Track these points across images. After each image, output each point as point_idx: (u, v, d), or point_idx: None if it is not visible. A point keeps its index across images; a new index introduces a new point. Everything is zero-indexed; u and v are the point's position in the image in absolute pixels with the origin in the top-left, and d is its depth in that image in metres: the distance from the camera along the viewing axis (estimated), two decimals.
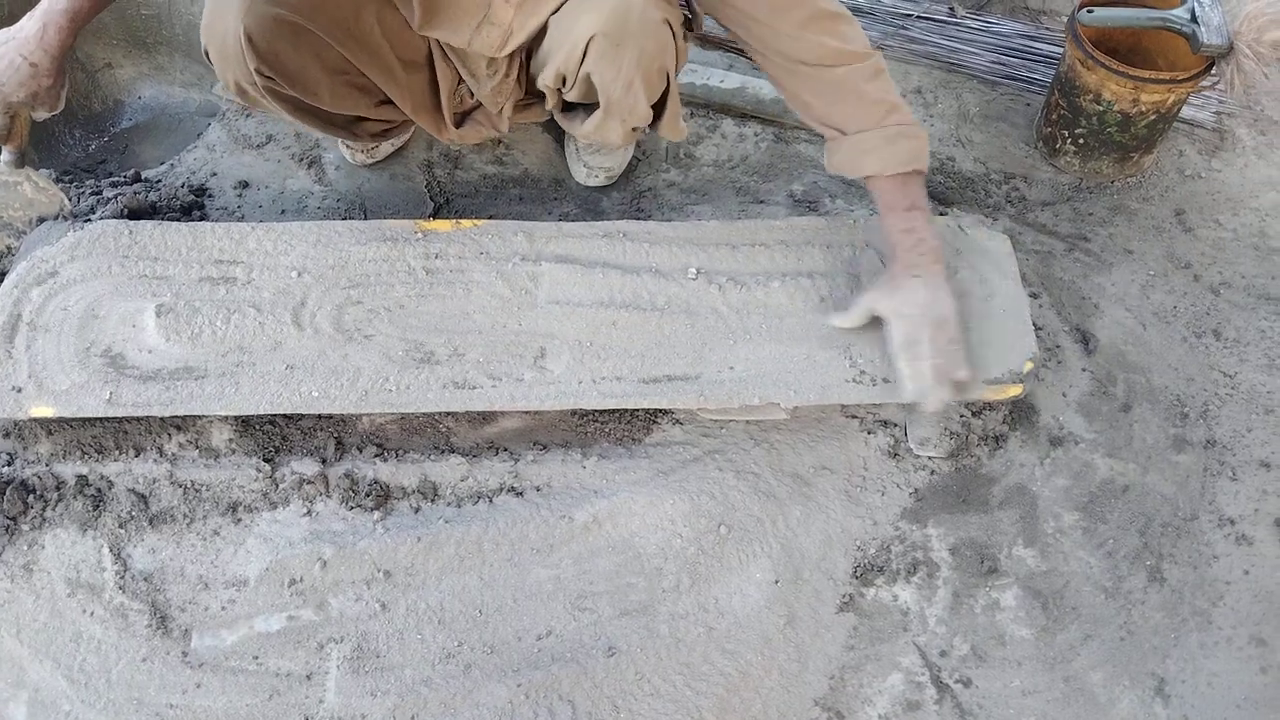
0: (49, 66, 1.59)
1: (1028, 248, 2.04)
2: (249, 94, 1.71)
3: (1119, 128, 2.08)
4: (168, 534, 1.60)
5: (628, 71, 1.62)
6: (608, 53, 1.60)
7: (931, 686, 1.55)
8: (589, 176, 2.10)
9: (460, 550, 1.60)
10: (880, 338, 1.67)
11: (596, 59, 1.61)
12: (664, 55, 1.65)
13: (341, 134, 1.95)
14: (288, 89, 1.68)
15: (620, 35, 1.58)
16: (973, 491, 1.72)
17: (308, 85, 1.70)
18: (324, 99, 1.74)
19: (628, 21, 1.58)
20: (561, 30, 1.65)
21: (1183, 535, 1.69)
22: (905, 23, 2.49)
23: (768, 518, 1.66)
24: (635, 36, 1.59)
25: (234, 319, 1.68)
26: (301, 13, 1.60)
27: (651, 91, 1.69)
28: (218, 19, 1.61)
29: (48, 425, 1.67)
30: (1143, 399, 1.84)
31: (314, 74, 1.69)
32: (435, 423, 1.74)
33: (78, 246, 1.75)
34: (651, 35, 1.60)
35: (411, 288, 1.73)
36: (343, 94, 1.77)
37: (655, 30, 1.60)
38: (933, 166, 2.19)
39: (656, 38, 1.61)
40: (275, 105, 1.73)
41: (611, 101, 1.68)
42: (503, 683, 1.50)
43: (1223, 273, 2.03)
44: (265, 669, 1.50)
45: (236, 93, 1.71)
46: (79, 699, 1.46)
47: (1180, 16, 1.98)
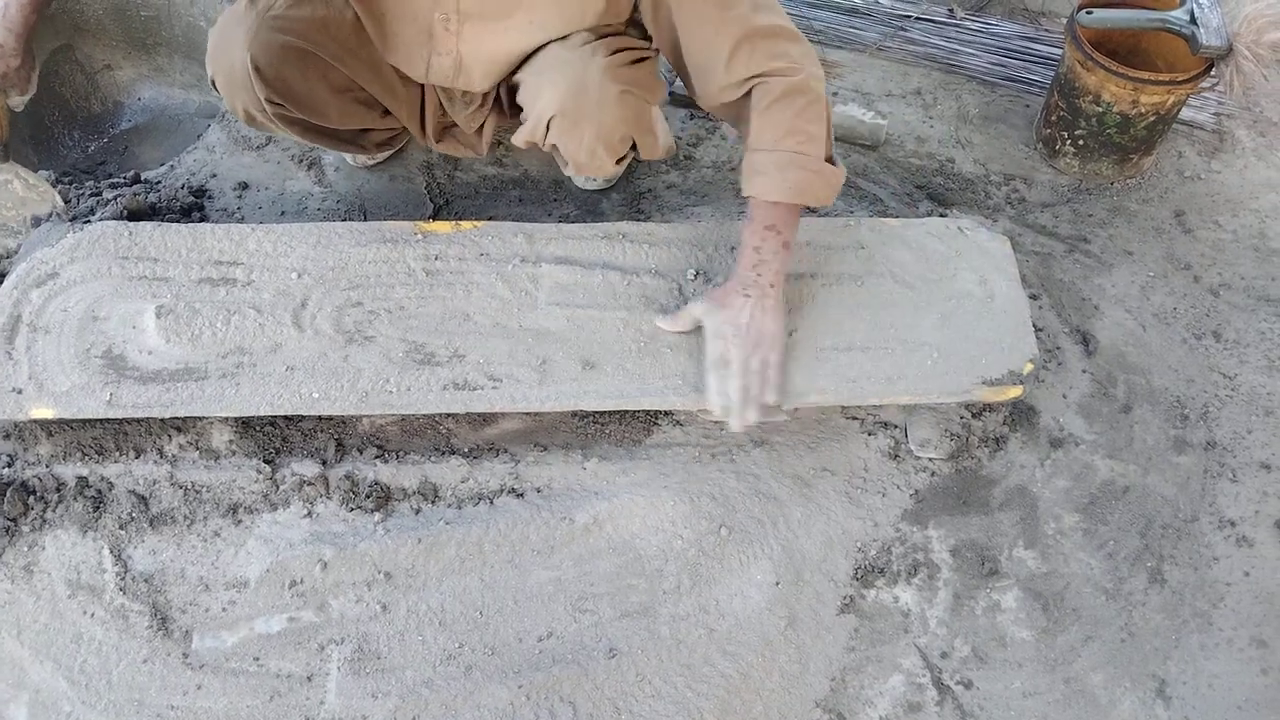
0: (14, 45, 1.59)
1: (1027, 249, 2.04)
2: (258, 120, 1.73)
3: (1118, 129, 2.08)
4: (168, 535, 1.60)
5: (589, 143, 1.66)
6: (568, 130, 1.64)
7: (932, 688, 1.55)
8: (586, 181, 2.11)
9: (461, 552, 1.60)
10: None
11: (558, 134, 1.66)
12: (626, 123, 1.65)
13: (348, 149, 1.98)
14: (296, 113, 1.71)
15: (577, 115, 1.62)
16: (973, 493, 1.73)
17: (316, 107, 1.72)
18: (332, 118, 1.77)
19: (583, 101, 1.60)
20: (528, 98, 1.68)
21: (1183, 537, 1.69)
22: (904, 24, 2.49)
23: (768, 519, 1.66)
24: (592, 113, 1.61)
25: (234, 320, 1.68)
26: (306, 38, 1.62)
27: (616, 154, 1.72)
28: (224, 49, 1.62)
29: (48, 427, 1.67)
30: (1143, 400, 1.84)
31: (321, 95, 1.71)
32: (436, 424, 1.74)
33: (78, 248, 1.74)
34: (610, 109, 1.61)
35: (412, 289, 1.73)
36: (349, 110, 1.79)
37: (613, 104, 1.61)
38: (932, 167, 2.20)
39: (616, 110, 1.62)
40: (284, 129, 1.76)
41: (579, 165, 1.72)
42: (504, 684, 1.49)
43: (1222, 274, 2.03)
44: (266, 670, 1.50)
45: (245, 120, 1.73)
46: (80, 700, 1.46)
47: (1179, 18, 1.99)
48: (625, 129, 1.66)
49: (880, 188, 2.15)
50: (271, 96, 1.64)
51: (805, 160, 1.54)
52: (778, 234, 1.59)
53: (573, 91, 1.60)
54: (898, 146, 2.24)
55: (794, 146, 1.54)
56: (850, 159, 2.20)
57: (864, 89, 2.36)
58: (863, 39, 2.46)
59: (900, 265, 1.80)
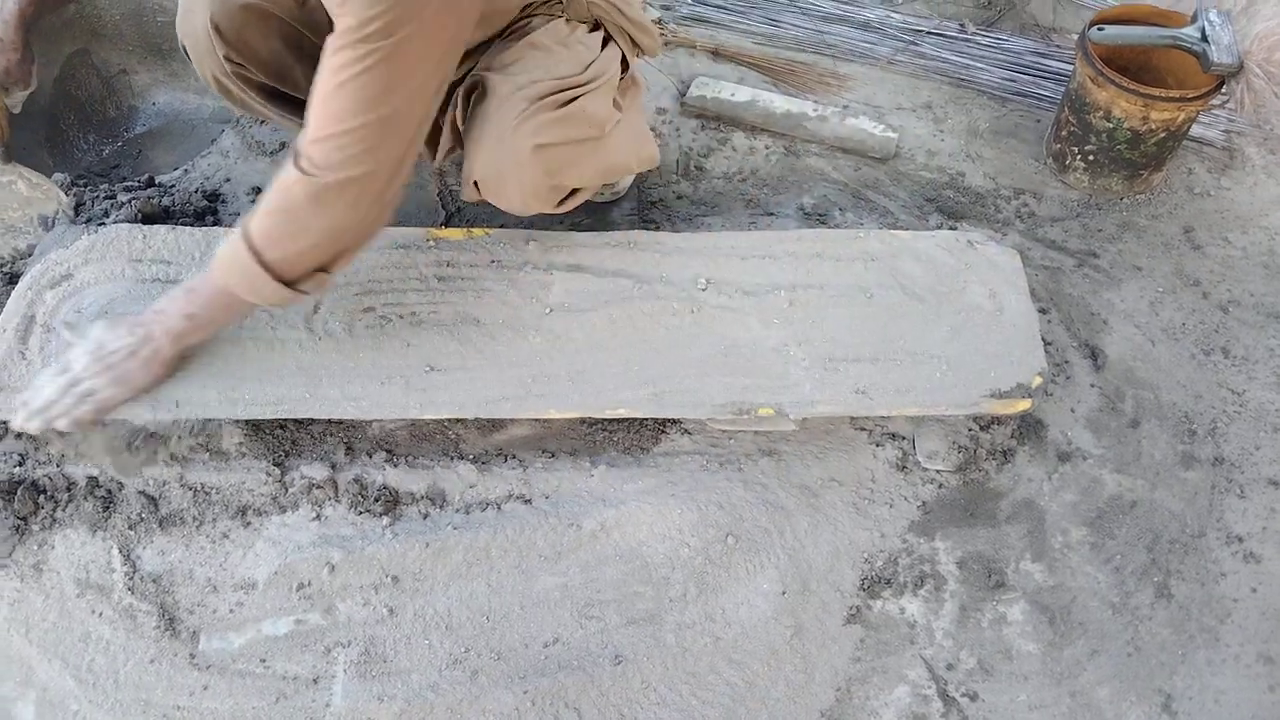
0: (13, 38, 1.63)
1: (1037, 263, 2.05)
2: (226, 86, 1.72)
3: (1129, 145, 2.09)
4: (177, 536, 1.61)
5: (518, 202, 1.65)
6: (494, 192, 1.64)
7: (938, 700, 1.55)
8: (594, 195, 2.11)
9: (468, 557, 1.60)
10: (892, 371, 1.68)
11: (487, 195, 1.66)
12: (551, 175, 1.62)
13: None
14: (260, 75, 1.70)
15: (497, 179, 1.61)
16: (980, 505, 1.73)
17: (280, 71, 1.71)
18: (300, 85, 1.73)
19: (500, 165, 1.59)
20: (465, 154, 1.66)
21: (1190, 552, 1.69)
22: (916, 38, 2.50)
23: (775, 529, 1.66)
24: (512, 174, 1.60)
25: (246, 324, 1.69)
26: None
27: (550, 202, 1.69)
28: (188, 15, 1.65)
29: None
30: (1151, 415, 1.84)
31: (285, 60, 1.71)
32: (444, 429, 1.75)
33: (91, 250, 1.76)
34: (528, 167, 1.58)
35: (423, 294, 1.74)
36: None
37: (531, 161, 1.57)
38: (942, 181, 2.20)
39: (534, 167, 1.58)
40: (254, 97, 1.74)
41: (520, 214, 1.71)
42: (510, 690, 1.50)
43: (1231, 290, 2.04)
44: (272, 672, 1.50)
45: (216, 88, 1.73)
46: (87, 699, 1.46)
47: (1191, 35, 1.99)
48: (551, 180, 1.63)
49: (890, 200, 2.15)
50: (231, 55, 1.64)
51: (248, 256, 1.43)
52: (190, 293, 1.53)
53: (491, 156, 1.58)
54: (908, 160, 2.25)
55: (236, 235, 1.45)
56: (861, 172, 2.21)
57: (875, 102, 2.37)
58: (875, 53, 2.47)
59: (910, 278, 1.80)
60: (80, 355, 1.55)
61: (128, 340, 1.54)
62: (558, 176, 1.64)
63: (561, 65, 1.63)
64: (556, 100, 1.59)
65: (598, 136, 1.64)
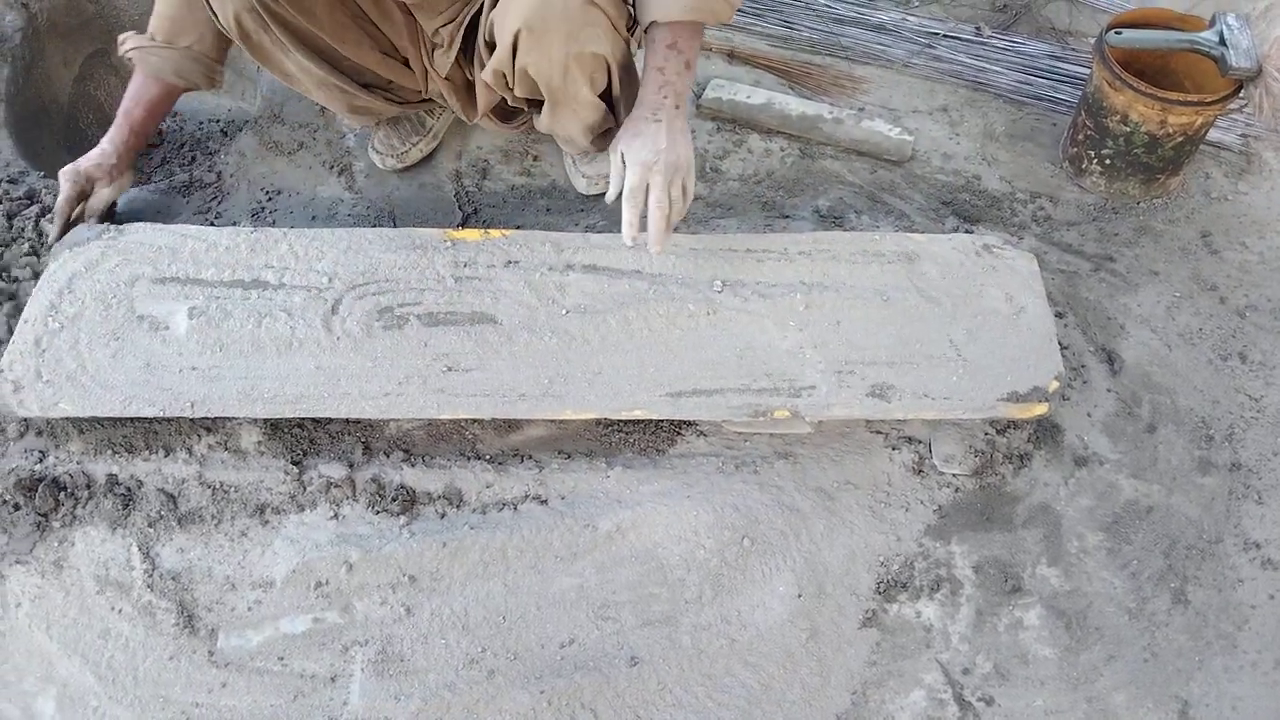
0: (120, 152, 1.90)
1: (1053, 267, 2.04)
2: (248, 27, 1.72)
3: (1146, 149, 2.08)
4: (196, 534, 1.62)
5: (559, 57, 1.62)
6: (536, 43, 1.60)
7: (954, 704, 1.54)
8: (589, 186, 2.12)
9: (485, 557, 1.61)
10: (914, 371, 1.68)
11: (526, 51, 1.62)
12: (596, 40, 1.61)
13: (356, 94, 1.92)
14: (284, 7, 1.68)
15: (544, 25, 1.58)
16: (997, 509, 1.72)
17: (304, 4, 1.70)
18: (324, 24, 1.74)
19: (549, 9, 1.56)
20: (496, 28, 1.66)
21: (1207, 558, 1.69)
22: (932, 41, 2.50)
23: (791, 531, 1.66)
24: (559, 22, 1.57)
25: (265, 323, 1.70)
26: None
27: (588, 76, 1.68)
28: None
29: (79, 424, 1.69)
30: (1168, 420, 1.84)
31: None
32: (461, 429, 1.75)
33: (110, 248, 1.77)
34: (577, 19, 1.57)
35: (441, 295, 1.75)
36: (345, 25, 1.78)
37: (580, 13, 1.57)
38: (958, 184, 2.20)
39: (583, 19, 1.58)
40: (278, 37, 1.73)
41: (552, 90, 1.70)
42: (526, 690, 1.50)
43: (1249, 295, 2.03)
44: (290, 670, 1.51)
45: (238, 32, 1.73)
46: (106, 695, 1.47)
47: (1209, 39, 1.99)
48: (595, 46, 1.62)
49: (906, 203, 2.15)
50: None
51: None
52: (679, 53, 1.58)
53: (538, 3, 1.56)
54: (924, 163, 2.24)
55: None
56: (877, 174, 2.21)
57: (891, 105, 2.37)
58: (891, 56, 2.47)
59: (926, 281, 1.80)
60: (643, 174, 1.59)
61: (661, 130, 1.59)
62: (599, 44, 1.62)
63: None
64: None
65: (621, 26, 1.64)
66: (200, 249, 1.78)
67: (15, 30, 2.26)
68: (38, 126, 2.25)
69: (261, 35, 1.74)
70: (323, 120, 2.22)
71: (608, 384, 1.68)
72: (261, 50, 1.78)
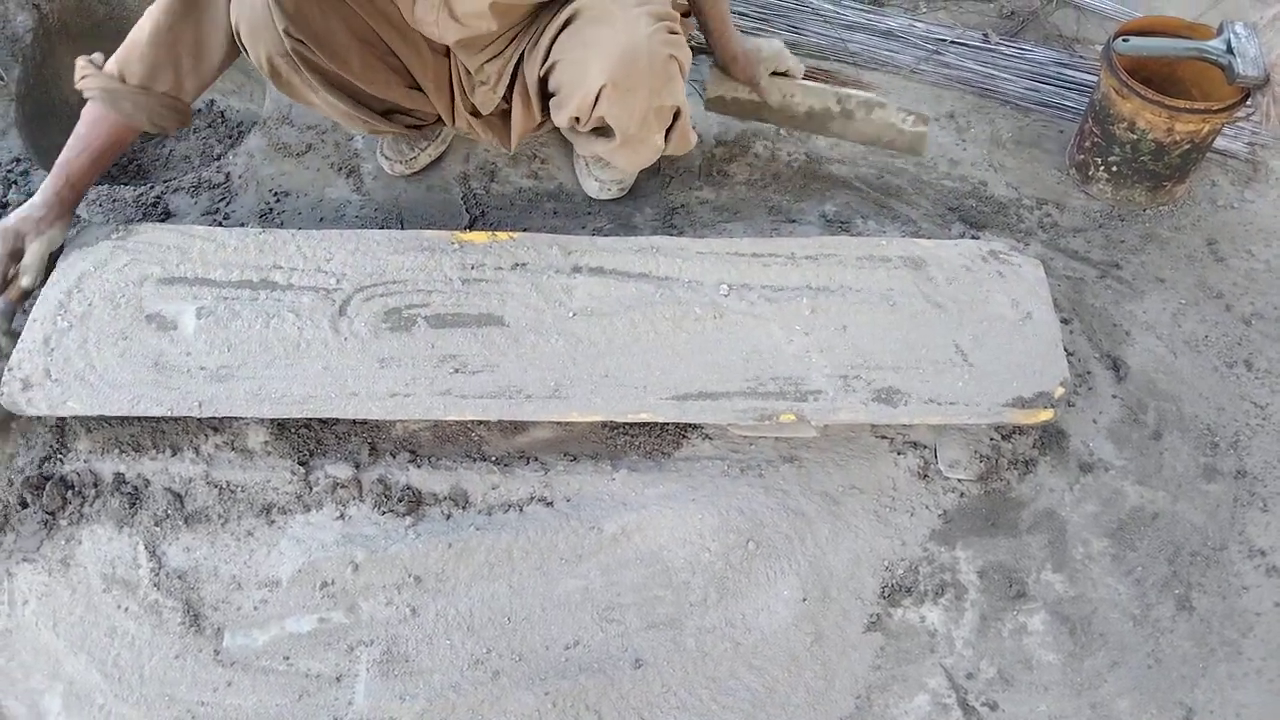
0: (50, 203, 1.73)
1: (1059, 273, 2.05)
2: (280, 68, 1.73)
3: (1153, 156, 2.08)
4: (202, 533, 1.62)
5: (641, 111, 1.70)
6: (621, 99, 1.67)
7: (958, 709, 1.55)
8: (601, 190, 2.13)
9: (490, 558, 1.61)
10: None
11: (609, 105, 1.68)
12: (675, 93, 1.71)
13: (377, 123, 1.95)
14: (318, 54, 1.70)
15: (629, 82, 1.64)
16: (1002, 515, 1.73)
17: (337, 51, 1.73)
18: (354, 69, 1.77)
19: (635, 68, 1.62)
20: (572, 77, 1.69)
21: (1212, 565, 1.69)
22: (940, 48, 2.51)
23: (796, 535, 1.67)
24: (644, 78, 1.64)
25: (272, 323, 1.70)
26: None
27: (663, 124, 1.77)
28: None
29: (87, 422, 1.70)
30: (1173, 427, 1.84)
31: (342, 39, 1.72)
32: (468, 431, 1.76)
33: (120, 247, 1.77)
34: (660, 75, 1.65)
35: (448, 297, 1.75)
36: (374, 67, 1.80)
37: (663, 69, 1.65)
38: (965, 190, 2.21)
39: (665, 75, 1.66)
40: (309, 79, 1.74)
41: (628, 137, 1.76)
42: (530, 691, 1.50)
43: (1254, 303, 2.03)
44: (295, 670, 1.51)
45: (269, 73, 1.74)
46: (112, 693, 1.48)
47: (1216, 47, 1.99)
48: (674, 99, 1.71)
49: (913, 209, 2.16)
50: (291, 29, 1.65)
51: None
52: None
53: (625, 59, 1.62)
54: (931, 169, 2.25)
55: None
56: (884, 180, 2.22)
57: None
58: (898, 62, 2.48)
59: (932, 286, 1.81)
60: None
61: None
62: (678, 95, 1.71)
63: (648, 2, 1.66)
64: (672, 21, 1.65)
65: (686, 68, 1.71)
66: (209, 249, 1.79)
67: (27, 31, 2.28)
68: (48, 124, 2.26)
69: (293, 76, 1.75)
70: (331, 123, 2.23)
71: (614, 387, 1.68)
72: (290, 87, 1.80)
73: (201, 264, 1.77)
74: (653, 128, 1.76)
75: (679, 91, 1.71)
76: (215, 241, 1.80)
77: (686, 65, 1.70)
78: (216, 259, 1.78)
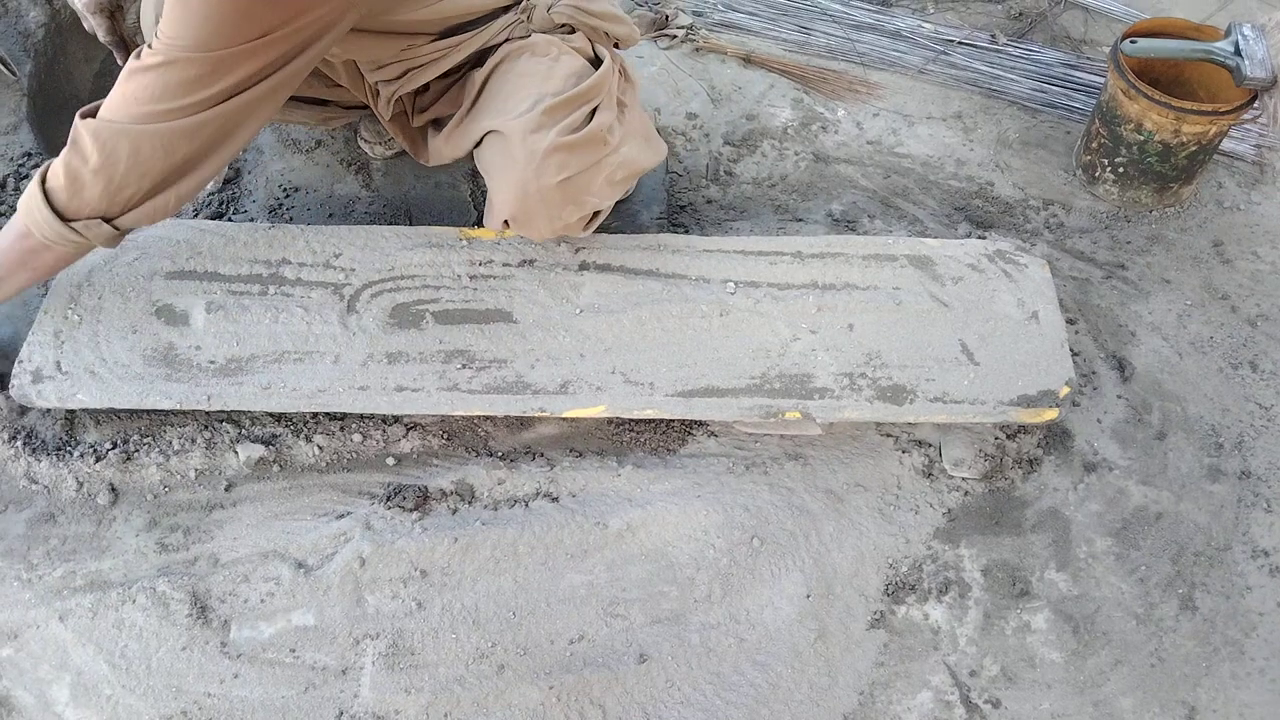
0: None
1: (1065, 274, 2.05)
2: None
3: (1159, 158, 2.09)
4: (210, 524, 1.63)
5: (547, 232, 1.69)
6: (524, 229, 1.70)
7: (961, 706, 1.55)
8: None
9: (496, 553, 1.62)
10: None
11: (518, 229, 1.71)
12: (580, 206, 1.66)
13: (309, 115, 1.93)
14: None
15: (526, 216, 1.65)
16: (1006, 514, 1.73)
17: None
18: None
19: (527, 204, 1.62)
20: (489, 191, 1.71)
21: (1216, 565, 1.69)
22: (947, 48, 2.51)
23: (801, 532, 1.67)
24: (539, 211, 1.63)
25: (281, 319, 1.71)
26: None
27: (580, 227, 1.73)
28: None
29: (96, 415, 1.71)
30: (1178, 428, 1.84)
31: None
32: (474, 426, 1.77)
33: (130, 242, 1.79)
34: (554, 203, 1.62)
35: (456, 293, 1.76)
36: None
37: (557, 195, 1.61)
38: (971, 190, 2.21)
39: (562, 200, 1.62)
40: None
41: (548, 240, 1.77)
42: (535, 685, 1.51)
43: (1260, 305, 2.03)
44: (301, 662, 1.52)
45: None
46: (120, 684, 1.49)
47: (1224, 49, 1.99)
48: (580, 211, 1.67)
49: (919, 209, 2.16)
50: None
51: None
52: None
53: (516, 198, 1.62)
54: (938, 169, 2.25)
55: None
56: (890, 179, 2.22)
57: (906, 111, 2.38)
58: (905, 62, 2.48)
59: (938, 285, 1.81)
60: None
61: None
62: (584, 204, 1.67)
63: (555, 76, 1.62)
64: (569, 124, 1.59)
65: (612, 151, 1.65)
66: (218, 244, 1.80)
67: (39, 26, 2.29)
68: (59, 119, 2.27)
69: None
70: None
71: (620, 383, 1.69)
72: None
73: (211, 258, 1.78)
74: (570, 231, 1.72)
75: (585, 202, 1.66)
76: (225, 236, 1.81)
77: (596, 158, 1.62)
78: (226, 254, 1.79)
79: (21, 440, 1.68)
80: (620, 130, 1.67)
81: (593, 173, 1.63)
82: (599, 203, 1.70)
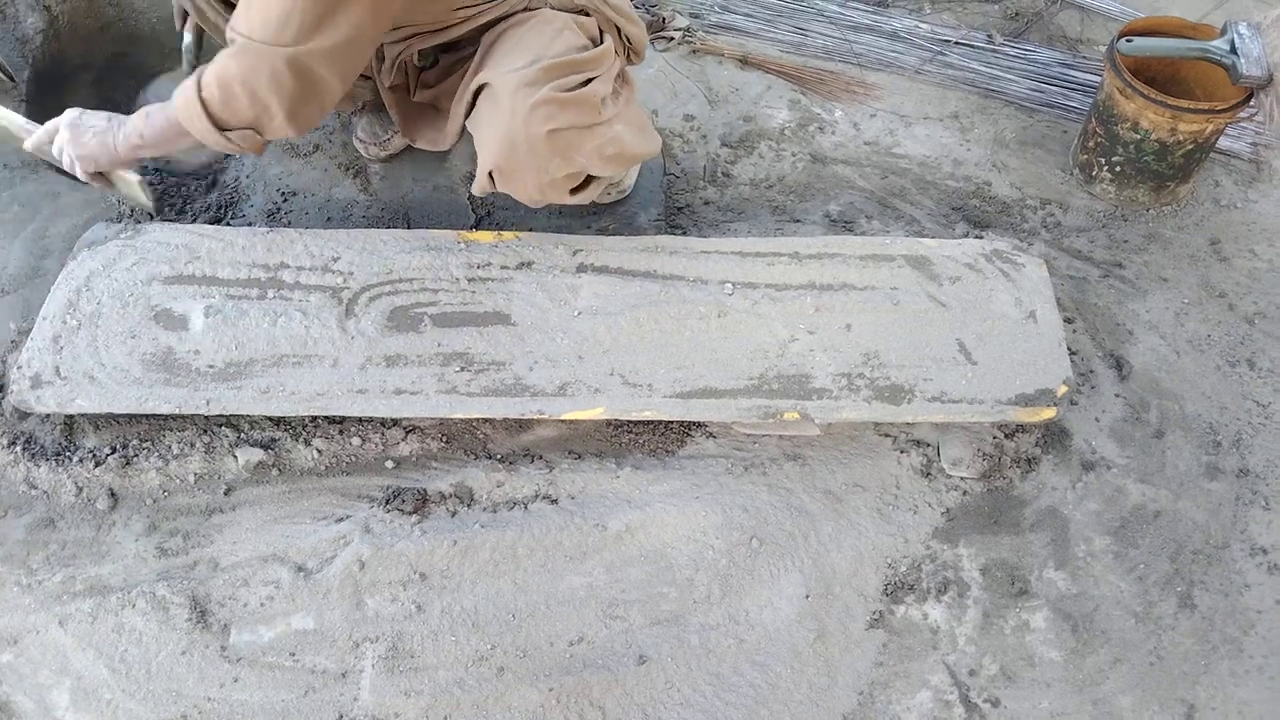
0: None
1: (1062, 273, 2.05)
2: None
3: (1156, 156, 2.09)
4: (209, 528, 1.63)
5: (532, 188, 1.68)
6: (508, 182, 1.68)
7: (960, 705, 1.55)
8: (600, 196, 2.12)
9: (495, 555, 1.62)
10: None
11: (503, 184, 1.69)
12: (567, 163, 1.65)
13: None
14: None
15: (512, 167, 1.65)
16: (1004, 513, 1.73)
17: None
18: None
19: (515, 154, 1.62)
20: (477, 147, 1.70)
21: (1214, 563, 1.69)
22: (944, 49, 2.51)
23: (799, 533, 1.67)
24: (526, 162, 1.63)
25: (280, 322, 1.72)
26: None
27: (565, 189, 1.72)
28: None
29: (95, 420, 1.71)
30: (1176, 426, 1.85)
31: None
32: (473, 428, 1.77)
33: (128, 247, 1.79)
34: (541, 154, 1.62)
35: (454, 296, 1.77)
36: None
37: (545, 147, 1.61)
38: (969, 190, 2.21)
39: (549, 152, 1.62)
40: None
41: (534, 203, 1.74)
42: (535, 687, 1.51)
43: (1257, 303, 2.03)
44: (301, 666, 1.52)
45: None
46: (119, 688, 1.49)
47: (1220, 48, 2.00)
48: (567, 168, 1.66)
49: (916, 209, 2.16)
50: None
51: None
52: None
53: (504, 147, 1.62)
54: (934, 169, 2.26)
55: None
56: (887, 180, 2.22)
57: (903, 111, 2.38)
58: (902, 63, 2.49)
59: (936, 285, 1.82)
60: (64, 124, 1.64)
61: (95, 125, 1.63)
62: (572, 161, 1.66)
63: (558, 43, 1.64)
64: (563, 84, 1.60)
65: (605, 123, 1.66)
66: (217, 248, 1.80)
67: (37, 32, 2.29)
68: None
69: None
70: (338, 122, 2.24)
71: (618, 385, 1.69)
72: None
73: (210, 263, 1.79)
74: (554, 197, 1.72)
75: (572, 158, 1.65)
76: (223, 240, 1.81)
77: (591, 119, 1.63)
78: (224, 258, 1.79)
79: (21, 445, 1.68)
80: (615, 108, 1.69)
81: (583, 135, 1.64)
82: (587, 166, 1.70)
